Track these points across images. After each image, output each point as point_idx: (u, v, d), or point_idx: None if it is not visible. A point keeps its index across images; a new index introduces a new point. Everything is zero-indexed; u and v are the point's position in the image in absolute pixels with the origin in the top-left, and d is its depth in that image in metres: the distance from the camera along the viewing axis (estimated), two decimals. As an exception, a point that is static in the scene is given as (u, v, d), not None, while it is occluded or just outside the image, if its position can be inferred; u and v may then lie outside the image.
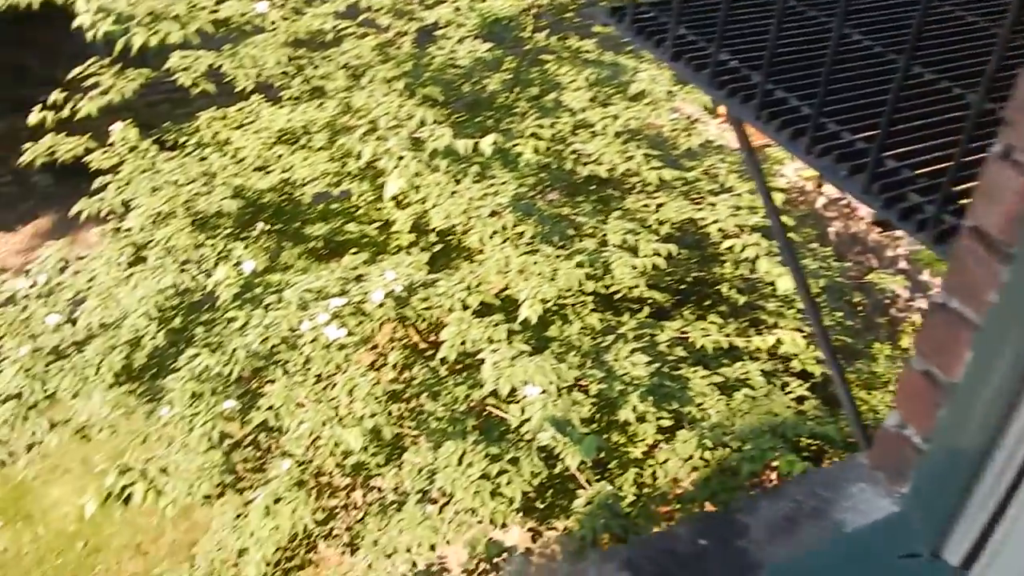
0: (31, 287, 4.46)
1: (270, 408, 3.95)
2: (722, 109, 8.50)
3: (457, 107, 5.14)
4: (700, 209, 4.57)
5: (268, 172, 4.80)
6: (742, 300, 5.06)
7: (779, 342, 4.64)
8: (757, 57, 1.79)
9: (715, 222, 4.46)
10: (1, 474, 4.04)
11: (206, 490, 4.26)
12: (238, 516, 4.32)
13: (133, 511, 5.72)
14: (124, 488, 3.74)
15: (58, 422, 4.20)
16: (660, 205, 4.72)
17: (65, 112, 4.56)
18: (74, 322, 4.24)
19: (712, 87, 1.79)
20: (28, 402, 4.03)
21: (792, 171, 7.96)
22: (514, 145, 4.56)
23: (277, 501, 3.87)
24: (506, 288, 4.31)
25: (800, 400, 4.69)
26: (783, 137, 1.67)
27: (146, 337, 4.13)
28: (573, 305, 4.55)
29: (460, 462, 3.99)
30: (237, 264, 4.15)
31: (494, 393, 3.76)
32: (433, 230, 4.82)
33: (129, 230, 4.40)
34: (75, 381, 4.08)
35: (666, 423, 4.40)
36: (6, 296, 4.50)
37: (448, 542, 4.09)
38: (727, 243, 4.42)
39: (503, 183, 4.23)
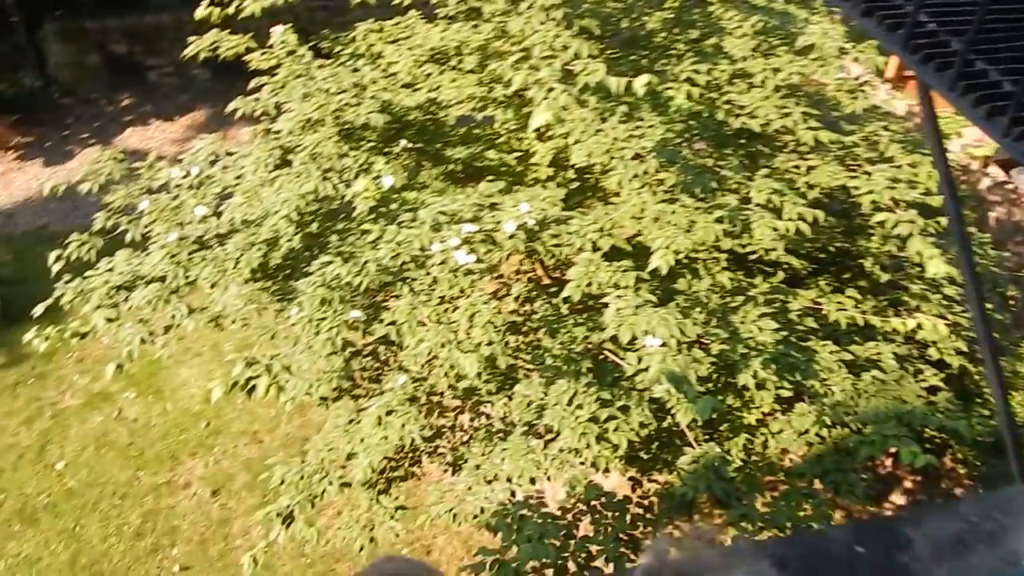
0: (183, 177, 4.65)
1: (392, 323, 4.03)
2: (890, 73, 8.01)
3: (613, 43, 4.99)
4: (855, 177, 4.32)
5: (416, 90, 4.82)
6: (885, 278, 4.79)
7: (919, 327, 4.39)
8: (960, 23, 1.63)
9: (869, 192, 4.21)
10: (140, 350, 4.28)
11: (323, 392, 4.42)
12: (351, 421, 4.46)
13: (253, 401, 6.02)
14: (249, 380, 3.92)
15: (195, 309, 4.41)
16: (811, 168, 4.49)
17: (230, 9, 4.67)
18: (219, 215, 4.41)
19: (905, 50, 1.64)
20: (171, 286, 4.24)
21: (958, 147, 7.45)
22: (666, 88, 4.41)
23: (389, 413, 3.98)
24: (639, 235, 4.23)
25: (932, 390, 4.45)
26: (978, 114, 1.52)
27: (284, 238, 4.27)
28: (705, 260, 4.42)
29: (571, 402, 3.98)
30: (376, 178, 4.21)
31: (613, 338, 3.71)
32: (572, 167, 4.75)
33: (279, 133, 4.51)
34: (215, 272, 4.27)
35: (785, 393, 4.27)
36: (160, 183, 4.72)
37: (548, 478, 4.11)
38: (879, 216, 4.18)
39: (650, 126, 4.10)
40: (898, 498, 6.34)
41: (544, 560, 3.75)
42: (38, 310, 4.62)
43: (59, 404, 7.65)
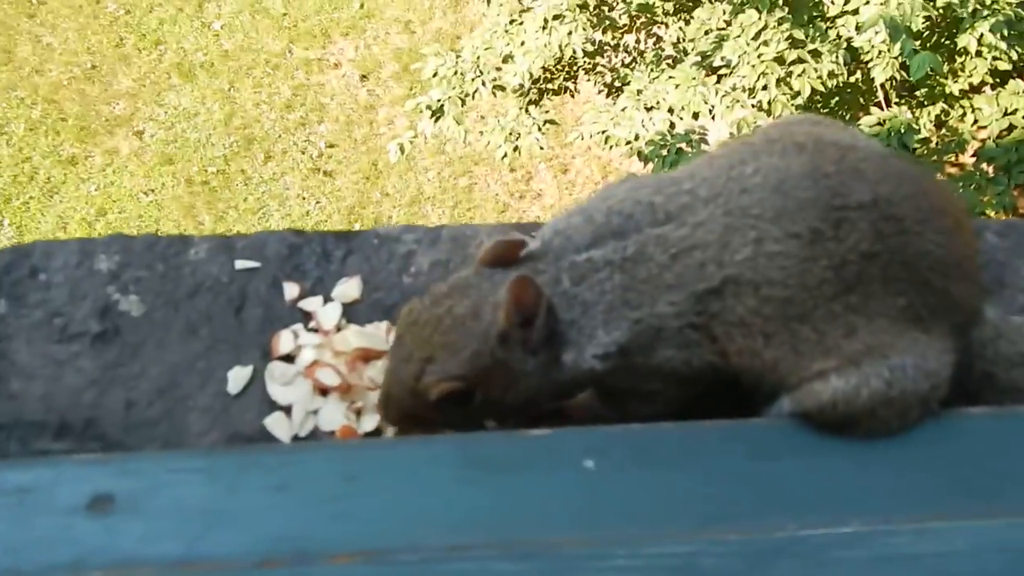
0: None
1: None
2: None
3: None
4: None
5: None
6: None
7: None
8: None
9: None
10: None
11: (488, -16, 4.11)
12: (512, 21, 4.17)
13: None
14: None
15: None
16: None
17: None
18: None
19: None
20: None
21: None
22: None
23: (556, 17, 3.68)
24: None
25: None
26: None
27: None
28: None
29: (757, 36, 3.58)
30: None
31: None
32: None
33: None
34: None
35: (1003, 66, 3.74)
36: None
37: (714, 116, 3.84)
38: None
39: None
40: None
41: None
42: None
43: (216, -38, 7.51)
